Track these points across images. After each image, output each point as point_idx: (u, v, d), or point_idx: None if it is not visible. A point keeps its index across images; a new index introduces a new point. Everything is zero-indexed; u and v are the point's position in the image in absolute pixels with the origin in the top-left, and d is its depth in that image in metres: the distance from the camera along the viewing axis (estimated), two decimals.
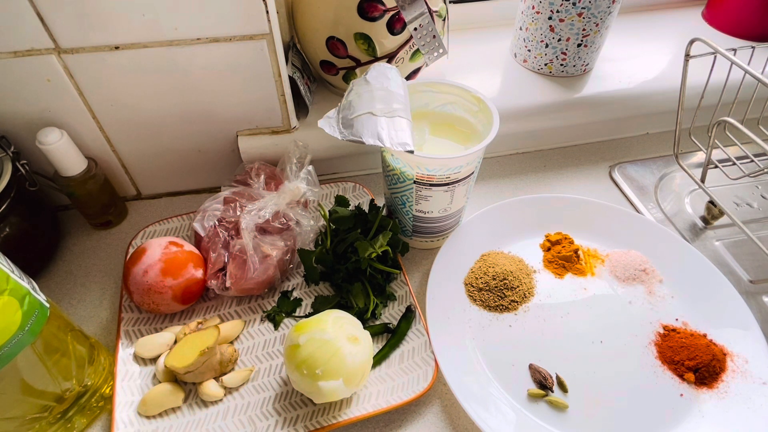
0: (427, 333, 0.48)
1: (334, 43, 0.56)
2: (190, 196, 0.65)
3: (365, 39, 0.55)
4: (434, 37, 0.56)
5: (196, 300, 0.51)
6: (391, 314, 0.51)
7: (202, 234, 0.50)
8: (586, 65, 0.68)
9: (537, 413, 0.45)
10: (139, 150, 0.59)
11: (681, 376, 0.47)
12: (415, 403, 0.46)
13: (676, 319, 0.51)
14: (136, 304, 0.49)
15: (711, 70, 0.57)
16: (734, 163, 0.60)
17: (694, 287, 0.53)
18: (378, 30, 0.54)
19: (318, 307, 0.51)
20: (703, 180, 0.60)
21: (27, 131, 0.52)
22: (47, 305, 0.38)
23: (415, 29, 0.55)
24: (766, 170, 0.54)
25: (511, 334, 0.50)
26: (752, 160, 0.61)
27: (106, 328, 0.52)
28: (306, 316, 0.51)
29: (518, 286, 0.53)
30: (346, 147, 0.62)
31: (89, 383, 0.43)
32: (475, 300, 0.53)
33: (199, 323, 0.49)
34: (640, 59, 0.72)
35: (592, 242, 0.58)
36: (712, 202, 0.60)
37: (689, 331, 0.50)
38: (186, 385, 0.46)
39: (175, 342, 0.48)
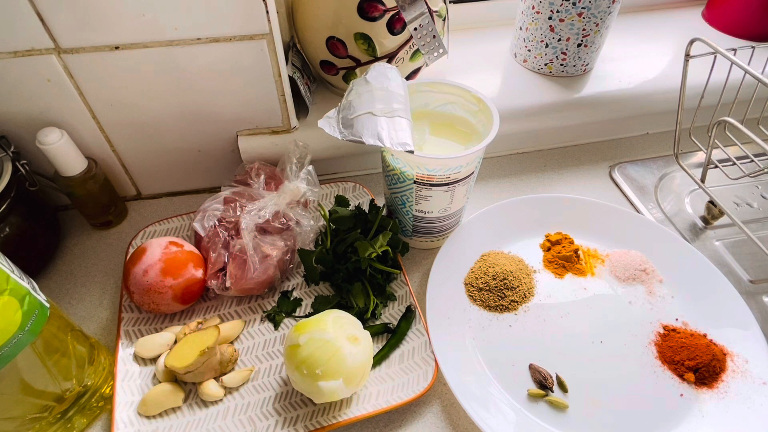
0: (427, 333, 0.48)
1: (334, 43, 0.56)
2: (190, 196, 0.65)
3: (365, 39, 0.55)
4: (434, 37, 0.56)
5: (196, 300, 0.51)
6: (391, 314, 0.51)
7: (202, 234, 0.50)
8: (586, 65, 0.68)
9: (537, 413, 0.45)
10: (139, 150, 0.59)
11: (681, 376, 0.47)
12: (415, 403, 0.46)
13: (676, 319, 0.51)
14: (136, 304, 0.49)
15: (711, 70, 0.57)
16: (734, 163, 0.60)
17: (694, 287, 0.53)
18: (378, 30, 0.54)
19: (318, 307, 0.51)
20: (703, 180, 0.60)
21: (27, 131, 0.52)
22: (47, 305, 0.38)
23: (415, 29, 0.55)
24: (766, 170, 0.54)
25: (511, 334, 0.50)
26: (752, 160, 0.60)
27: (106, 328, 0.52)
28: (306, 316, 0.51)
29: (518, 286, 0.53)
30: (346, 147, 0.62)
31: (89, 383, 0.43)
32: (475, 300, 0.53)
33: (199, 323, 0.49)
34: (640, 59, 0.72)
35: (592, 242, 0.58)
36: (712, 202, 0.60)
37: (689, 331, 0.50)
38: (186, 385, 0.46)
39: (175, 342, 0.48)
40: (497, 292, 0.52)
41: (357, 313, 0.50)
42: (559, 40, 0.64)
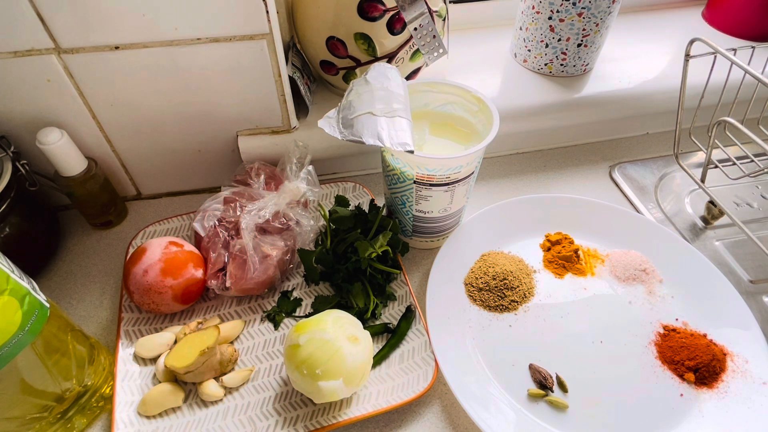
0: (427, 333, 0.48)
1: (334, 43, 0.56)
2: (190, 196, 0.65)
3: (365, 39, 0.55)
4: (434, 37, 0.56)
5: (196, 300, 0.51)
6: (391, 314, 0.51)
7: (202, 234, 0.50)
8: (586, 65, 0.68)
9: (537, 413, 0.45)
10: (139, 150, 0.59)
11: (681, 376, 0.47)
12: (415, 403, 0.46)
13: (676, 319, 0.51)
14: (136, 304, 0.49)
15: (711, 70, 0.57)
16: (734, 163, 0.60)
17: (694, 287, 0.53)
18: (378, 30, 0.54)
19: (318, 307, 0.51)
20: (703, 180, 0.60)
21: (27, 131, 0.52)
22: (47, 305, 0.38)
23: (415, 29, 0.55)
24: (766, 170, 0.54)
25: (511, 334, 0.50)
26: (752, 160, 0.61)
27: (106, 328, 0.52)
28: (306, 316, 0.51)
29: (518, 286, 0.53)
30: (346, 147, 0.62)
31: (89, 383, 0.43)
32: (475, 300, 0.53)
33: (199, 323, 0.49)
34: (640, 59, 0.72)
35: (592, 242, 0.58)
36: (712, 202, 0.60)
37: (689, 331, 0.50)
38: (186, 385, 0.46)
39: (175, 342, 0.48)
40: (497, 292, 0.52)
41: (357, 313, 0.50)
42: (559, 40, 0.64)
